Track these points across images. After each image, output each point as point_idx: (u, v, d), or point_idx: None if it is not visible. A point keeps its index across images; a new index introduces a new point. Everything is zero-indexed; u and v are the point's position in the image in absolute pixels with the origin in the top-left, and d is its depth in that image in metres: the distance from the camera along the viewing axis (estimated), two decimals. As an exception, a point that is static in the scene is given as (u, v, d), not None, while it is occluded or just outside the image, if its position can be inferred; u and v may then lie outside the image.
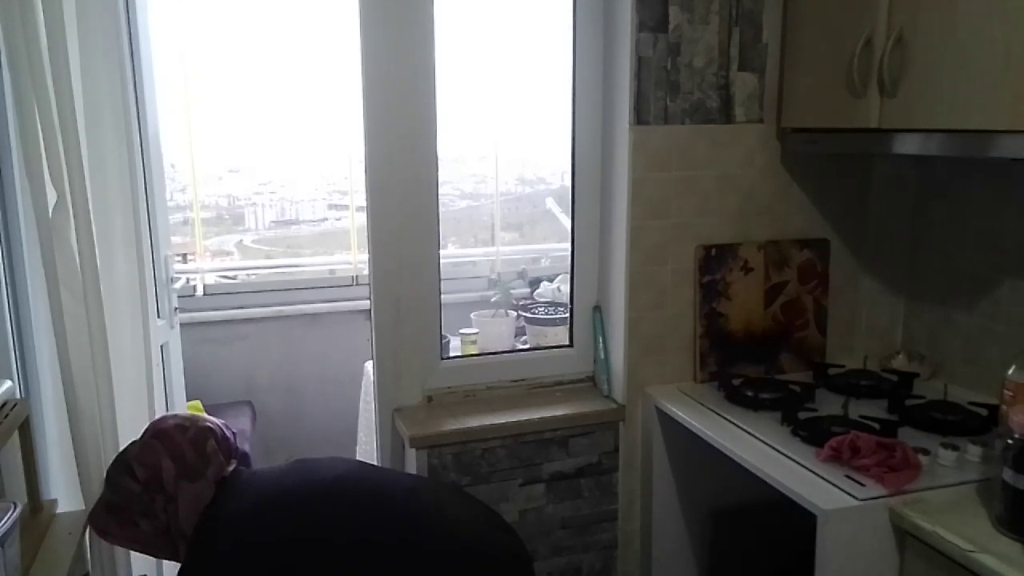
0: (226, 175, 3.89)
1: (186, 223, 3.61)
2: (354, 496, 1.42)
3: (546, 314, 2.66)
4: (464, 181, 3.71)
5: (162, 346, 2.01)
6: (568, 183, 2.06)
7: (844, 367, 1.98)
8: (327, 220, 4.08)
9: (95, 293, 1.52)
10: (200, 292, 3.41)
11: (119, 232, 1.67)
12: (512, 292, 2.99)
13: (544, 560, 1.99)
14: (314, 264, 3.80)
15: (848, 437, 1.49)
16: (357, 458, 2.50)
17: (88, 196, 1.49)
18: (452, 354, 2.36)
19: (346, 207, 3.88)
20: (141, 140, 1.83)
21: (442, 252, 1.96)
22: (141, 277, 1.72)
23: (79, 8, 1.53)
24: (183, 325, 2.39)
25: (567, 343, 2.15)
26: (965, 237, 1.89)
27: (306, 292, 3.51)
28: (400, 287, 1.90)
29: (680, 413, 1.80)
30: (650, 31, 1.83)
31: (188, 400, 2.55)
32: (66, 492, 1.62)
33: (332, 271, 3.66)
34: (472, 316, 2.73)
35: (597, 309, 2.08)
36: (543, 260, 3.64)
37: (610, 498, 2.03)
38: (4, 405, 1.41)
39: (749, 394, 1.81)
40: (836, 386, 1.88)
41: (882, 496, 1.37)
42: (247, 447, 2.76)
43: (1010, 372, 1.50)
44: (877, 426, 1.59)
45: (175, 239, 3.34)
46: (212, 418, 1.53)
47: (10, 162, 1.53)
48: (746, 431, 1.67)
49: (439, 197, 1.93)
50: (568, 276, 2.12)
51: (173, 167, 3.44)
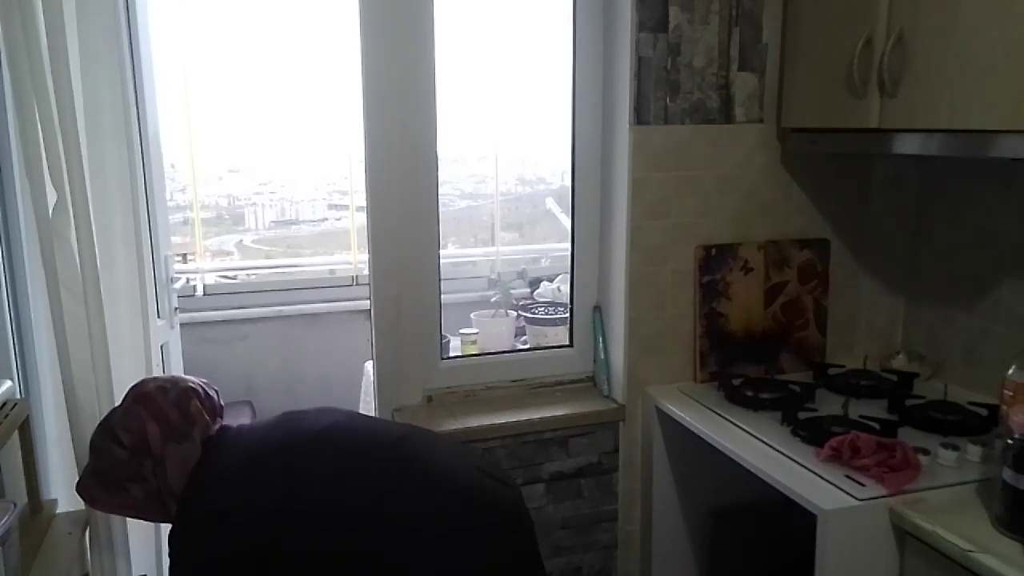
0: (226, 175, 3.89)
1: (186, 223, 3.62)
2: (342, 447, 1.39)
3: (546, 314, 2.66)
4: (464, 181, 3.71)
5: (162, 346, 2.01)
6: (568, 183, 2.06)
7: (844, 367, 1.98)
8: (327, 220, 4.08)
9: (95, 293, 1.52)
10: (200, 292, 3.41)
11: (119, 232, 1.66)
12: (512, 292, 3.00)
13: (544, 560, 1.99)
14: (314, 264, 3.81)
15: (848, 437, 1.49)
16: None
17: (88, 196, 1.49)
18: (452, 354, 2.36)
19: (346, 207, 3.89)
20: (141, 140, 1.83)
21: (442, 252, 1.96)
22: (141, 277, 1.71)
23: (79, 8, 1.53)
24: (183, 325, 2.39)
25: (567, 343, 2.15)
26: (965, 237, 1.89)
27: (306, 292, 3.51)
28: (400, 287, 1.90)
29: (680, 413, 1.80)
30: (650, 31, 1.83)
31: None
32: (66, 492, 1.62)
33: (332, 271, 3.67)
34: (472, 316, 2.73)
35: (597, 309, 2.08)
36: (543, 260, 3.64)
37: (610, 498, 2.03)
38: (4, 405, 1.41)
39: (749, 394, 1.81)
40: (836, 386, 1.88)
41: (882, 496, 1.37)
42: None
43: (1010, 372, 1.50)
44: (877, 426, 1.59)
45: (175, 239, 3.34)
46: (193, 378, 1.51)
47: (10, 162, 1.54)
48: (746, 431, 1.67)
49: (439, 197, 1.93)
50: (568, 276, 2.12)
51: (173, 167, 3.44)
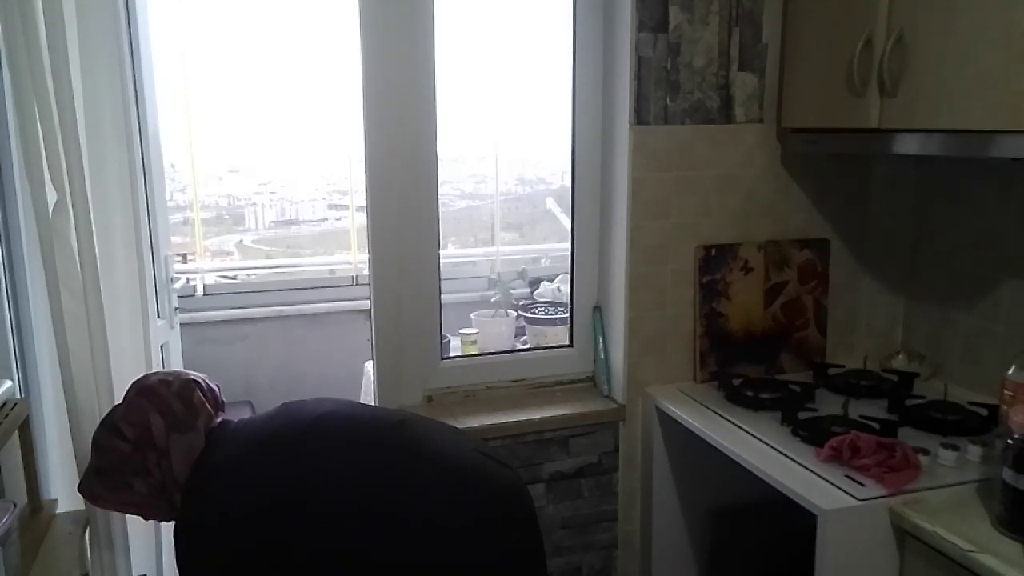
0: (226, 175, 3.89)
1: (186, 223, 3.61)
2: (341, 431, 1.40)
3: (546, 314, 2.66)
4: (464, 181, 3.71)
5: (162, 346, 2.01)
6: (568, 183, 2.06)
7: (844, 367, 1.98)
8: (327, 220, 4.08)
9: (95, 293, 1.52)
10: (200, 292, 3.41)
11: (119, 232, 1.66)
12: (512, 292, 2.99)
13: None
14: (314, 264, 3.81)
15: (848, 437, 1.49)
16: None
17: (88, 196, 1.49)
18: (452, 354, 2.36)
19: (346, 207, 3.89)
20: (141, 140, 1.83)
21: (442, 252, 1.96)
22: (141, 277, 1.71)
23: (79, 8, 1.53)
24: (183, 325, 2.39)
25: (567, 343, 2.15)
26: (965, 237, 1.89)
27: (306, 292, 3.51)
28: (400, 287, 1.90)
29: (680, 413, 1.80)
30: (650, 31, 1.83)
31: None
32: (66, 492, 1.62)
33: (332, 271, 3.67)
34: (472, 316, 2.73)
35: (597, 309, 2.08)
36: (543, 260, 3.64)
37: (610, 498, 2.03)
38: (4, 405, 1.41)
39: (749, 394, 1.81)
40: (836, 386, 1.88)
41: (882, 496, 1.37)
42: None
43: (1010, 372, 1.50)
44: (877, 426, 1.59)
45: (175, 239, 3.34)
46: (194, 372, 1.52)
47: (10, 162, 1.53)
48: (746, 431, 1.67)
49: (439, 197, 1.93)
50: (568, 276, 2.12)
51: (173, 167, 3.44)
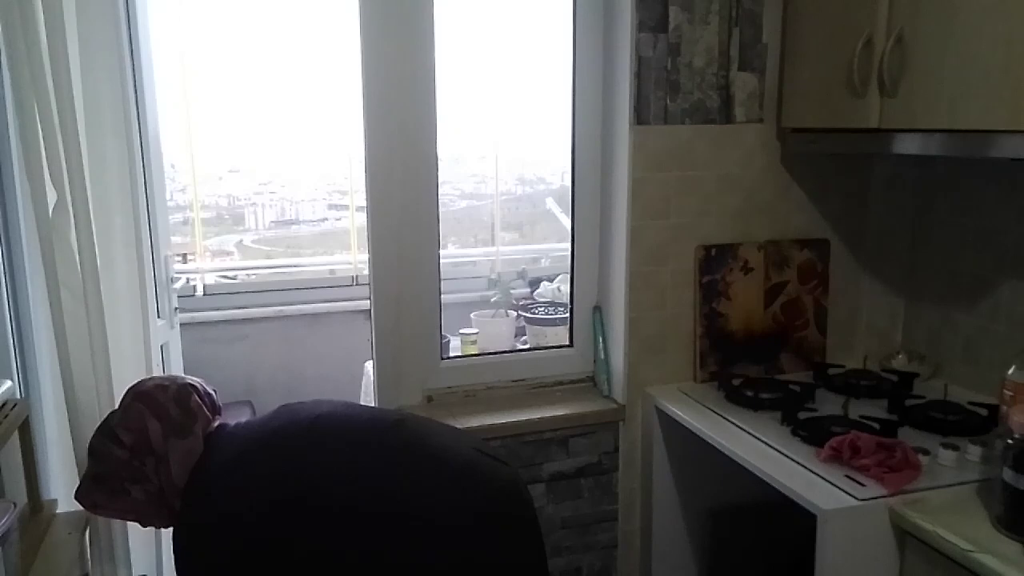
0: (226, 175, 3.89)
1: (186, 223, 3.61)
2: (340, 432, 1.40)
3: (546, 314, 2.66)
4: (464, 181, 3.71)
5: (162, 346, 2.01)
6: (568, 183, 2.06)
7: (844, 367, 1.98)
8: (327, 220, 4.08)
9: (95, 293, 1.52)
10: (200, 292, 3.41)
11: (119, 232, 1.66)
12: (512, 292, 3.00)
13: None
14: (314, 264, 3.81)
15: (848, 437, 1.49)
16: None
17: (88, 196, 1.49)
18: (452, 354, 2.36)
19: (346, 207, 3.89)
20: (141, 140, 1.83)
21: (442, 252, 1.96)
22: (141, 277, 1.71)
23: (79, 8, 1.53)
24: (183, 325, 2.39)
25: (567, 343, 2.15)
26: (965, 237, 1.89)
27: (306, 292, 3.51)
28: (400, 287, 1.90)
29: (680, 413, 1.80)
30: (650, 31, 1.83)
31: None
32: (66, 492, 1.62)
33: (332, 271, 3.67)
34: (472, 316, 2.73)
35: (597, 309, 2.08)
36: (543, 260, 3.64)
37: (610, 498, 2.03)
38: (4, 405, 1.41)
39: (749, 394, 1.81)
40: (836, 386, 1.88)
41: (882, 496, 1.37)
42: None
43: (1010, 372, 1.50)
44: (877, 426, 1.59)
45: (175, 239, 3.35)
46: (191, 376, 1.51)
47: (10, 162, 1.53)
48: (746, 431, 1.67)
49: (439, 197, 1.93)
50: (568, 276, 2.12)
51: (173, 167, 3.44)
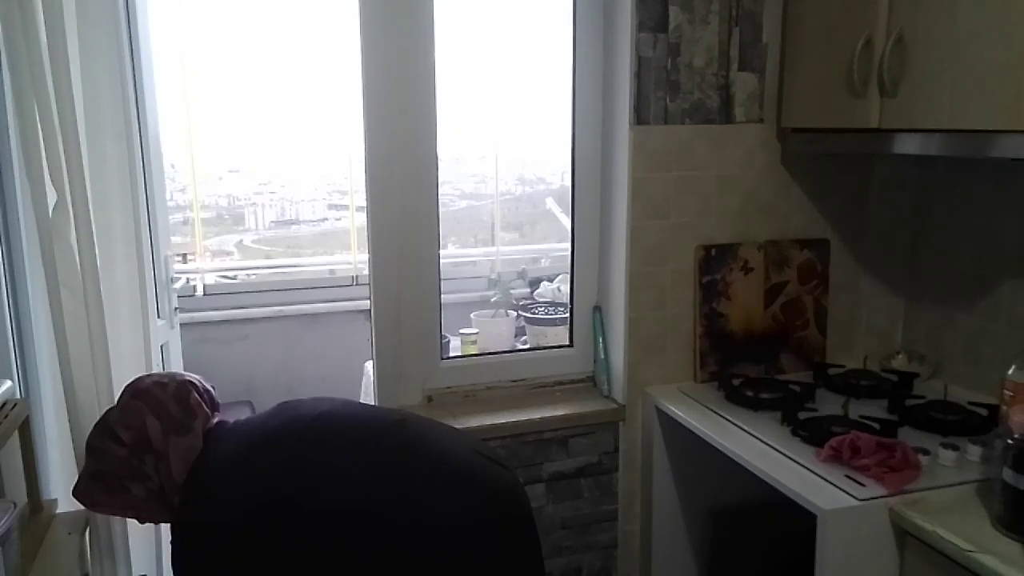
0: (226, 175, 3.89)
1: (186, 223, 3.61)
2: (341, 430, 1.40)
3: (546, 314, 2.66)
4: (464, 181, 3.71)
5: (162, 346, 2.01)
6: (568, 183, 2.06)
7: (844, 367, 1.98)
8: (327, 220, 4.08)
9: (95, 293, 1.52)
10: (200, 292, 3.41)
11: (119, 232, 1.66)
12: (512, 292, 3.00)
13: (544, 560, 1.99)
14: (314, 264, 3.80)
15: (848, 437, 1.49)
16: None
17: (88, 196, 1.49)
18: (452, 354, 2.36)
19: (346, 207, 3.89)
20: (141, 140, 1.83)
21: (442, 252, 1.96)
22: (141, 277, 1.71)
23: (79, 8, 1.53)
24: (183, 325, 2.39)
25: (567, 343, 2.15)
26: (965, 237, 1.89)
27: (306, 292, 3.51)
28: (400, 287, 1.90)
29: (680, 413, 1.80)
30: (650, 31, 1.83)
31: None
32: (66, 492, 1.61)
33: (332, 271, 3.67)
34: (472, 316, 2.73)
35: (597, 309, 2.08)
36: (543, 260, 3.64)
37: (610, 498, 2.03)
38: (4, 405, 1.41)
39: (749, 394, 1.81)
40: (836, 386, 1.88)
41: (882, 496, 1.37)
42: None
43: (1010, 372, 1.50)
44: (877, 426, 1.59)
45: (175, 239, 3.35)
46: (189, 373, 1.50)
47: (10, 162, 1.53)
48: (746, 431, 1.67)
49: (439, 197, 1.93)
50: (568, 276, 2.12)
51: (173, 167, 3.44)
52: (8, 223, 1.55)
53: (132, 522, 1.64)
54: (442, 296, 1.98)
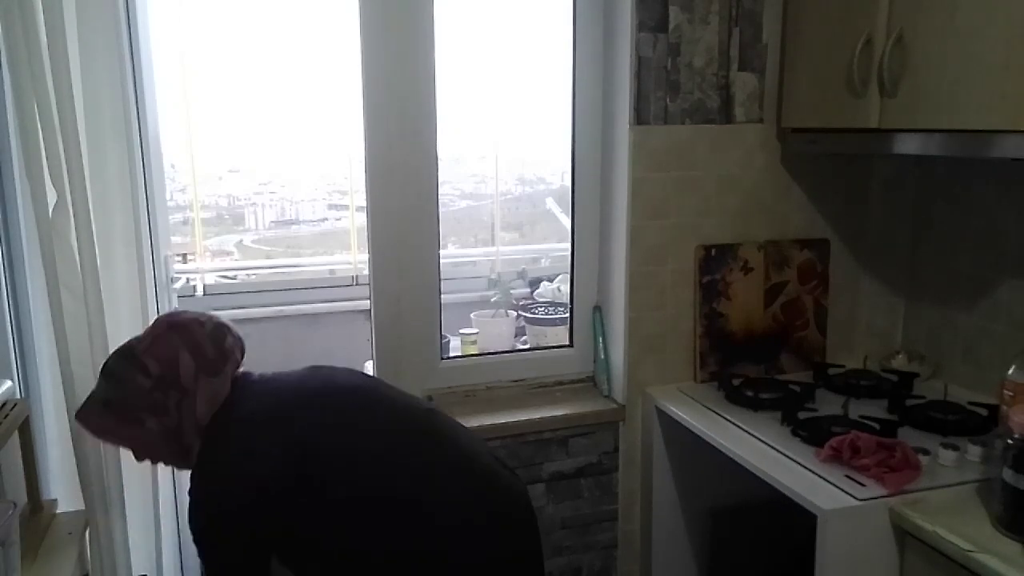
0: (226, 175, 3.89)
1: (186, 223, 3.61)
2: (379, 404, 1.40)
3: (546, 314, 2.66)
4: (464, 181, 3.71)
5: (162, 346, 2.01)
6: (568, 183, 2.06)
7: (844, 367, 1.98)
8: (327, 220, 4.08)
9: (95, 293, 1.52)
10: (200, 292, 3.40)
11: (119, 232, 1.66)
12: (512, 292, 3.00)
13: (544, 560, 1.99)
14: (314, 264, 3.80)
15: (848, 437, 1.49)
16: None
17: (88, 196, 1.49)
18: (452, 354, 2.36)
19: (346, 207, 3.88)
20: (141, 140, 1.82)
21: (442, 252, 1.97)
22: (141, 277, 1.71)
23: (79, 8, 1.53)
24: (183, 325, 2.39)
25: (567, 343, 2.15)
26: (965, 237, 1.89)
27: (306, 292, 3.50)
28: (400, 287, 1.90)
29: (680, 413, 1.80)
30: (650, 31, 1.83)
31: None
32: (66, 492, 1.62)
33: (332, 271, 3.66)
34: (472, 316, 2.73)
35: (597, 309, 2.08)
36: (543, 260, 3.64)
37: (610, 498, 2.03)
38: (4, 405, 1.41)
39: (749, 394, 1.81)
40: (836, 386, 1.88)
41: (882, 496, 1.37)
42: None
43: (1010, 372, 1.50)
44: (877, 426, 1.59)
45: (175, 239, 3.34)
46: (222, 316, 1.46)
47: (10, 162, 1.54)
48: (746, 431, 1.67)
49: (439, 197, 1.93)
50: (568, 276, 2.13)
51: (173, 167, 3.43)
52: (8, 223, 1.55)
53: (132, 521, 1.64)
54: (442, 296, 1.98)
